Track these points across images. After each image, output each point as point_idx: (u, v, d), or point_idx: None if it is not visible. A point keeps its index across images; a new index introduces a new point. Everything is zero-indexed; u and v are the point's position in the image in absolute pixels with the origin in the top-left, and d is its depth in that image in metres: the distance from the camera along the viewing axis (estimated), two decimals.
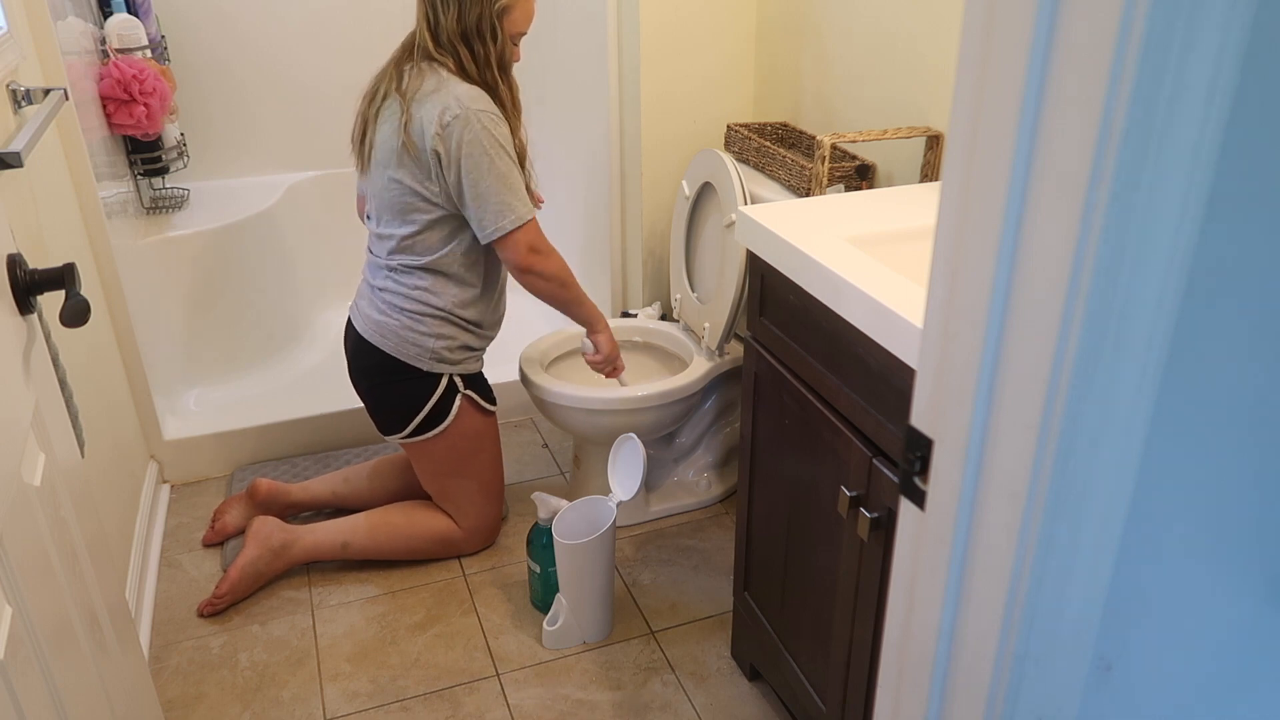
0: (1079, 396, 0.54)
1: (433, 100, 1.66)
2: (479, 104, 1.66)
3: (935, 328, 0.62)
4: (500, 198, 1.68)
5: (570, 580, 1.73)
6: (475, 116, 1.65)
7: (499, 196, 1.67)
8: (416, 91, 1.69)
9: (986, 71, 0.54)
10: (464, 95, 1.66)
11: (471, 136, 1.64)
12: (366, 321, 1.83)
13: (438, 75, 1.69)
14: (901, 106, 1.77)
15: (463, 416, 1.86)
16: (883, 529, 1.16)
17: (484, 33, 1.68)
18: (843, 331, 1.18)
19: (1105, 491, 0.57)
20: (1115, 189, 0.49)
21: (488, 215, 1.69)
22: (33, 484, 0.87)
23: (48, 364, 1.06)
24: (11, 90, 1.53)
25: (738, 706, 1.66)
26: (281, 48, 2.73)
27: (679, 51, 2.16)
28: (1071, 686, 0.63)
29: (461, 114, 1.64)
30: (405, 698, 1.68)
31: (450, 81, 1.68)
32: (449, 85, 1.67)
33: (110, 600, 1.12)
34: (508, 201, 1.68)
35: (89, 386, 1.73)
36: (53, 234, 1.69)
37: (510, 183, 1.68)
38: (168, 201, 2.55)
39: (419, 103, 1.68)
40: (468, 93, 1.66)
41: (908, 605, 0.71)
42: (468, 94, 1.66)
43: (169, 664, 1.75)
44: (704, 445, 2.20)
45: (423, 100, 1.67)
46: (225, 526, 2.03)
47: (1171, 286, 0.51)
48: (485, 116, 1.66)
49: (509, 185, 1.68)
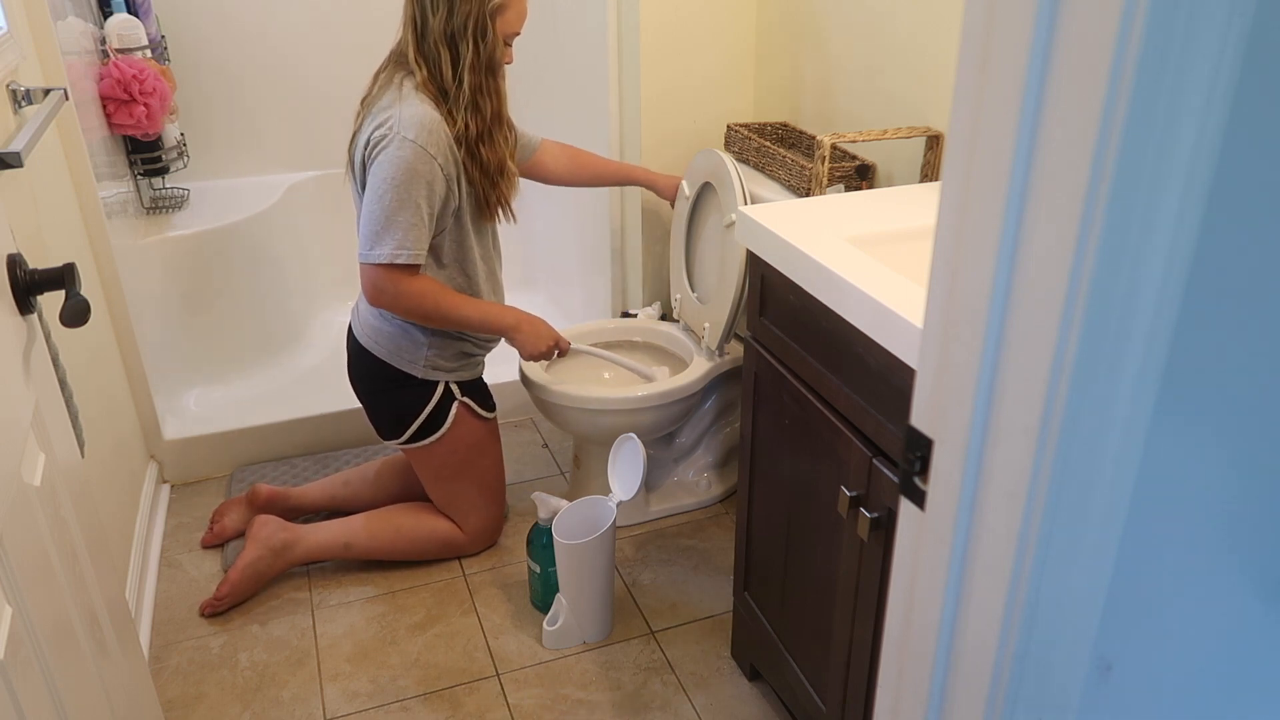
0: (1079, 396, 0.54)
1: (378, 117, 1.64)
2: (414, 133, 1.61)
3: (935, 328, 0.62)
4: (376, 227, 1.63)
5: (570, 580, 1.73)
6: (402, 143, 1.60)
7: (376, 226, 1.63)
8: (375, 104, 1.67)
9: (986, 71, 0.54)
10: (406, 119, 1.61)
11: (386, 159, 1.61)
12: (364, 327, 1.82)
13: (399, 89, 1.66)
14: (901, 106, 1.77)
15: (459, 424, 1.86)
16: (883, 529, 1.16)
17: (473, 33, 1.63)
18: (843, 331, 1.18)
19: (1105, 491, 0.57)
20: (1115, 189, 0.49)
21: (362, 238, 1.65)
22: (33, 484, 0.87)
23: (48, 364, 1.06)
24: (11, 90, 1.53)
25: (738, 706, 1.66)
26: (282, 47, 2.73)
27: (679, 51, 2.16)
28: (1071, 686, 0.63)
29: (391, 136, 1.60)
30: (405, 698, 1.68)
31: (406, 100, 1.64)
32: (402, 104, 1.63)
33: (110, 600, 1.12)
34: (377, 233, 1.63)
35: (89, 386, 1.73)
36: (53, 234, 1.69)
37: (395, 220, 1.62)
38: (168, 201, 2.55)
39: (372, 116, 1.66)
40: (411, 117, 1.61)
41: (908, 605, 0.71)
42: (410, 118, 1.61)
43: (169, 664, 1.75)
44: (704, 445, 2.20)
45: (375, 115, 1.65)
46: (224, 529, 2.03)
47: (1171, 286, 0.51)
48: (411, 147, 1.60)
49: (393, 221, 1.62)
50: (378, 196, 1.62)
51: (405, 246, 1.63)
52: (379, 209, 1.62)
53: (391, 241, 1.63)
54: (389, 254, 1.63)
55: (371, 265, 1.65)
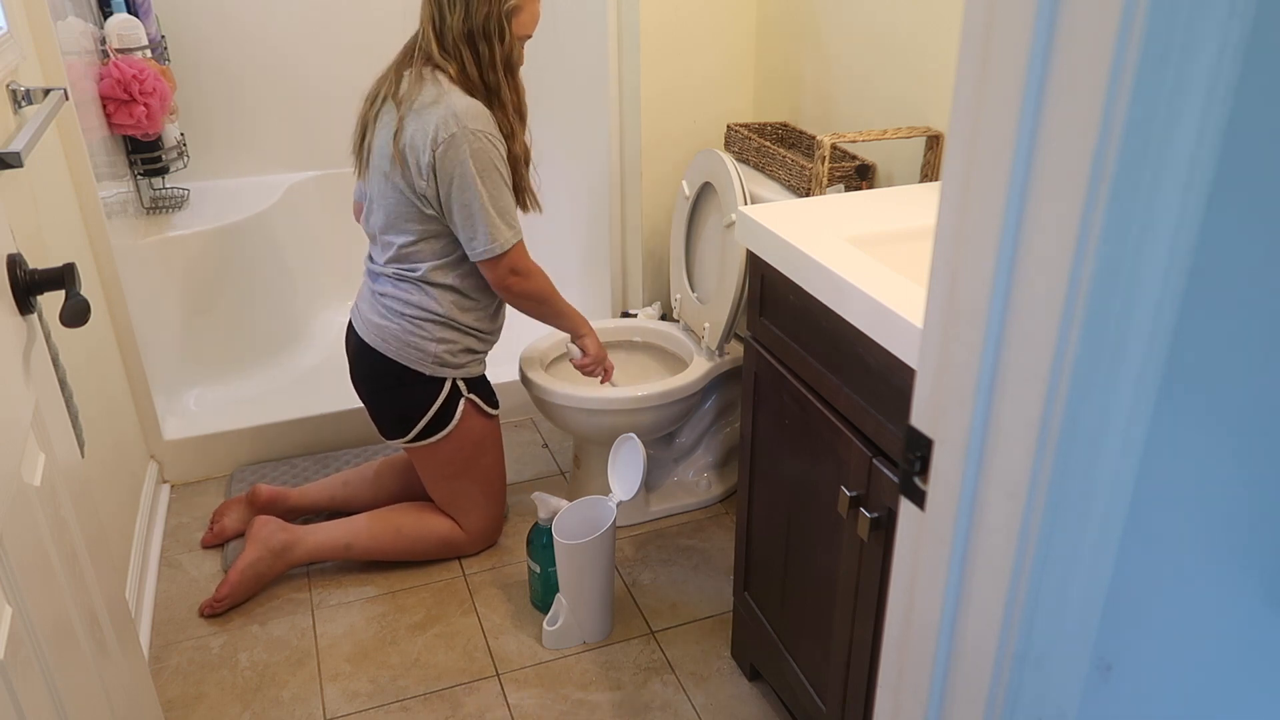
0: (1079, 396, 0.54)
1: (430, 113, 1.64)
2: (476, 122, 1.64)
3: (935, 327, 0.62)
4: (488, 220, 1.67)
5: (570, 580, 1.73)
6: (471, 136, 1.63)
7: (487, 219, 1.67)
8: (414, 100, 1.67)
9: (986, 71, 0.54)
10: (461, 111, 1.64)
11: (464, 156, 1.63)
12: (368, 325, 1.82)
13: (438, 85, 1.67)
14: (901, 106, 1.77)
15: (466, 421, 1.86)
16: (883, 529, 1.16)
17: (491, 33, 1.66)
18: (843, 331, 1.18)
19: (1105, 491, 0.57)
20: (1115, 189, 0.49)
21: (476, 238, 1.69)
22: (33, 484, 0.87)
23: (48, 364, 1.06)
24: (11, 90, 1.53)
25: (738, 706, 1.66)
26: (282, 47, 2.73)
27: (679, 51, 2.16)
28: (1071, 687, 0.63)
29: (458, 132, 1.62)
30: (405, 698, 1.68)
31: (450, 93, 1.66)
32: (447, 98, 1.65)
33: (110, 600, 1.12)
34: (495, 224, 1.68)
35: (89, 386, 1.73)
36: (53, 234, 1.69)
37: (500, 205, 1.68)
38: (168, 201, 2.55)
39: (415, 113, 1.66)
40: (466, 108, 1.64)
41: (908, 605, 0.71)
42: (465, 110, 1.64)
43: (169, 664, 1.75)
44: (704, 445, 2.20)
45: (420, 111, 1.65)
46: (224, 529, 2.03)
47: (1171, 286, 0.51)
48: (480, 136, 1.64)
49: (498, 208, 1.68)
50: (473, 191, 1.65)
51: (514, 226, 1.72)
52: (483, 203, 1.66)
53: (506, 226, 1.70)
54: (511, 237, 1.72)
55: (503, 254, 1.71)
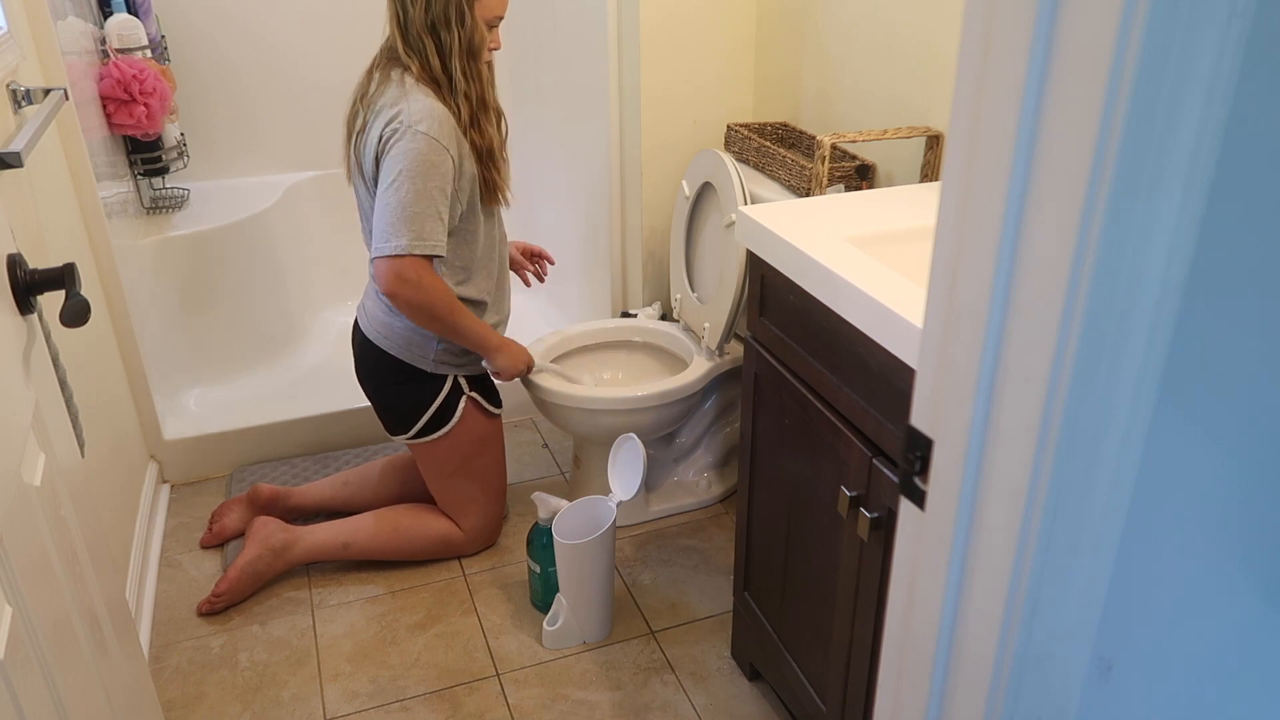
0: (1079, 396, 0.54)
1: (385, 114, 1.64)
2: (424, 125, 1.62)
3: (935, 328, 0.62)
4: (393, 220, 1.63)
5: (570, 580, 1.73)
6: (414, 136, 1.61)
7: (392, 218, 1.63)
8: (377, 103, 1.67)
9: (986, 71, 0.54)
10: (414, 112, 1.62)
11: (400, 153, 1.61)
12: (372, 322, 1.83)
13: (401, 85, 1.66)
14: (901, 106, 1.77)
15: (467, 419, 1.86)
16: (883, 529, 1.16)
17: (450, 19, 1.64)
18: (843, 331, 1.18)
19: (1105, 491, 0.57)
20: (1115, 189, 0.49)
21: (379, 231, 1.65)
22: (33, 484, 0.87)
23: (48, 364, 1.06)
24: (11, 90, 1.53)
25: (738, 706, 1.66)
26: (282, 48, 2.73)
27: (679, 51, 2.15)
28: (1071, 686, 0.63)
29: (401, 129, 1.61)
30: (405, 698, 1.68)
31: (411, 94, 1.64)
32: (407, 99, 1.64)
33: (110, 600, 1.12)
34: (398, 226, 1.63)
35: (89, 386, 1.73)
36: (53, 234, 1.69)
37: (415, 210, 1.63)
38: (168, 201, 2.55)
39: (376, 115, 1.66)
40: (420, 110, 1.62)
41: (908, 605, 0.71)
42: (419, 111, 1.62)
43: (169, 664, 1.75)
44: (704, 445, 2.20)
45: (380, 113, 1.66)
46: (224, 529, 2.03)
47: (1171, 286, 0.51)
48: (424, 139, 1.61)
49: (411, 213, 1.63)
50: (395, 189, 1.62)
51: (423, 238, 1.64)
52: (395, 201, 1.62)
53: (410, 232, 1.64)
54: (407, 244, 1.64)
55: (390, 257, 1.65)
